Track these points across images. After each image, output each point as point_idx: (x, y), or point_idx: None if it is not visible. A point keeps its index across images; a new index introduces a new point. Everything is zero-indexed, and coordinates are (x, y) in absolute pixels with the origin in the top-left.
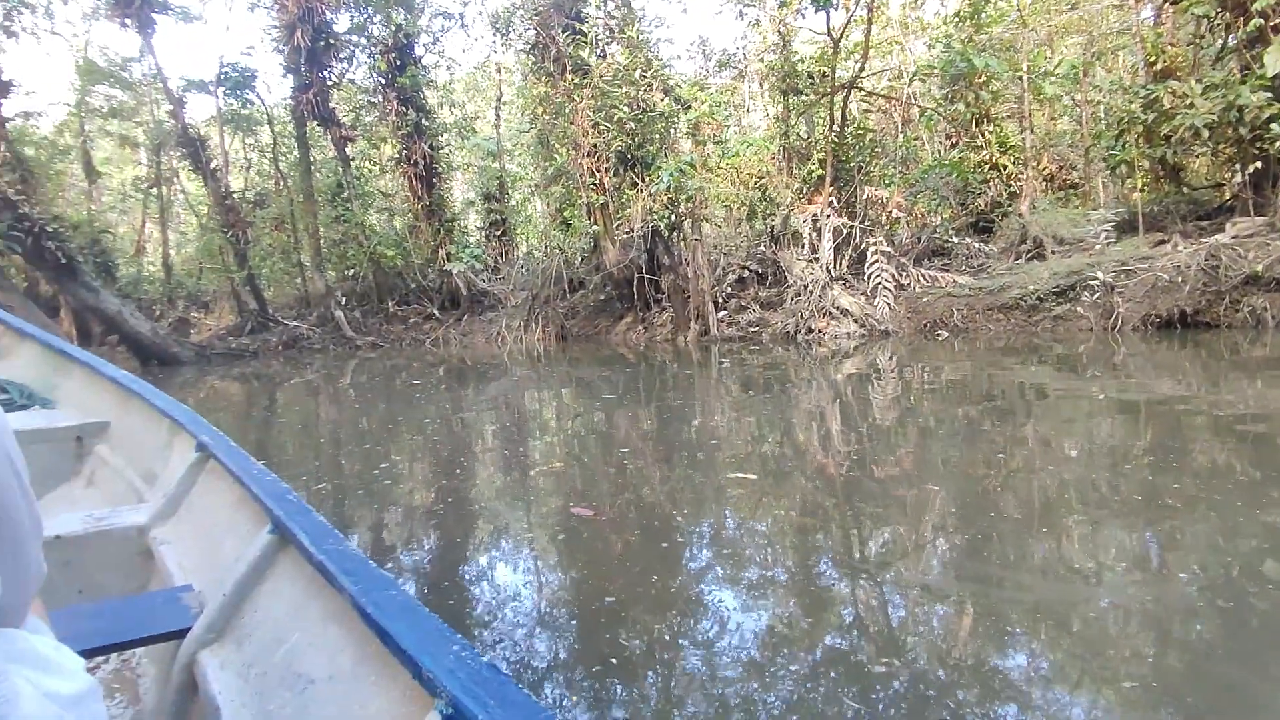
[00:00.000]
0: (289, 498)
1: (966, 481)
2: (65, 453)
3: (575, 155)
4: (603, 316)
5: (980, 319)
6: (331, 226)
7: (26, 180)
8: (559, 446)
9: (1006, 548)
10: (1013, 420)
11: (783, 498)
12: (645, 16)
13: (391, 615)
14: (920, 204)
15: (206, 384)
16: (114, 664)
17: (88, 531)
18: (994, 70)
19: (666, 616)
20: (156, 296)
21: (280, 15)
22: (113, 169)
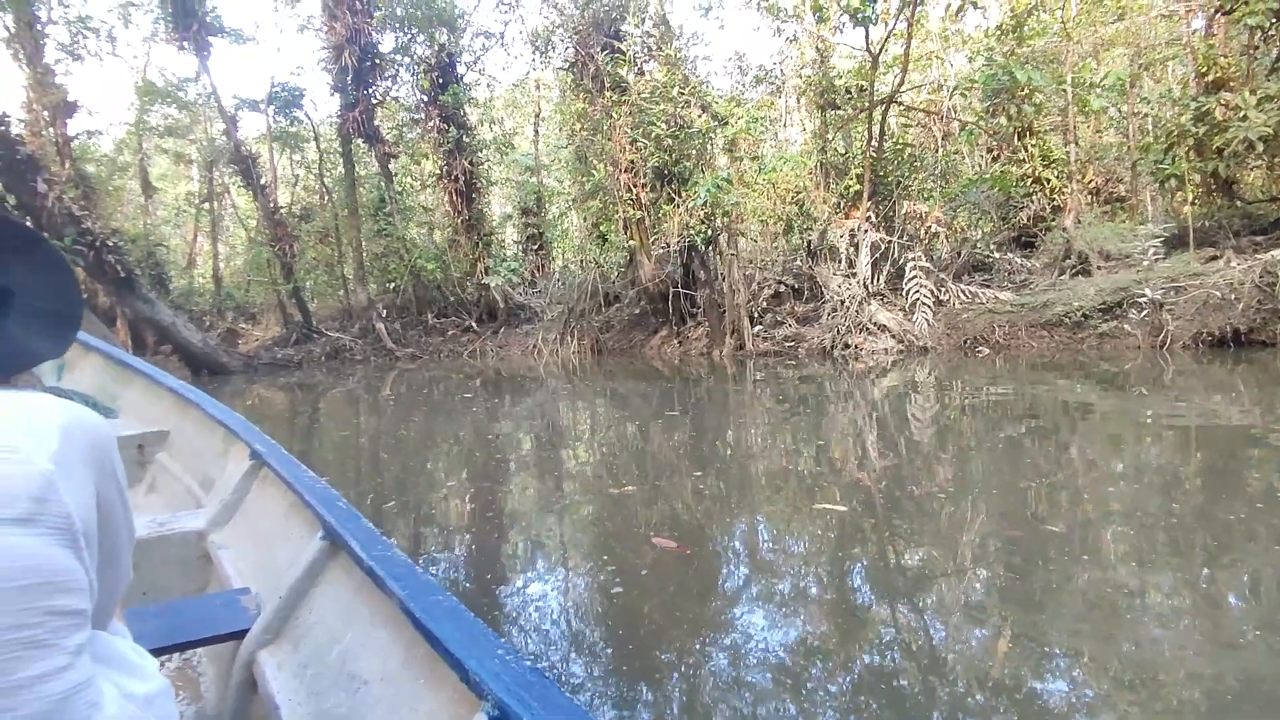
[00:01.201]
0: (339, 504)
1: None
2: (128, 460)
3: (613, 171)
4: (637, 330)
5: (1022, 336)
6: (374, 240)
7: (88, 196)
8: (623, 467)
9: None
10: (1055, 439)
11: (879, 532)
12: (683, 34)
13: (438, 619)
14: (960, 218)
15: (253, 393)
16: (176, 663)
17: (151, 536)
18: (1037, 83)
19: (778, 677)
20: (207, 308)
21: (329, 37)
22: (167, 184)
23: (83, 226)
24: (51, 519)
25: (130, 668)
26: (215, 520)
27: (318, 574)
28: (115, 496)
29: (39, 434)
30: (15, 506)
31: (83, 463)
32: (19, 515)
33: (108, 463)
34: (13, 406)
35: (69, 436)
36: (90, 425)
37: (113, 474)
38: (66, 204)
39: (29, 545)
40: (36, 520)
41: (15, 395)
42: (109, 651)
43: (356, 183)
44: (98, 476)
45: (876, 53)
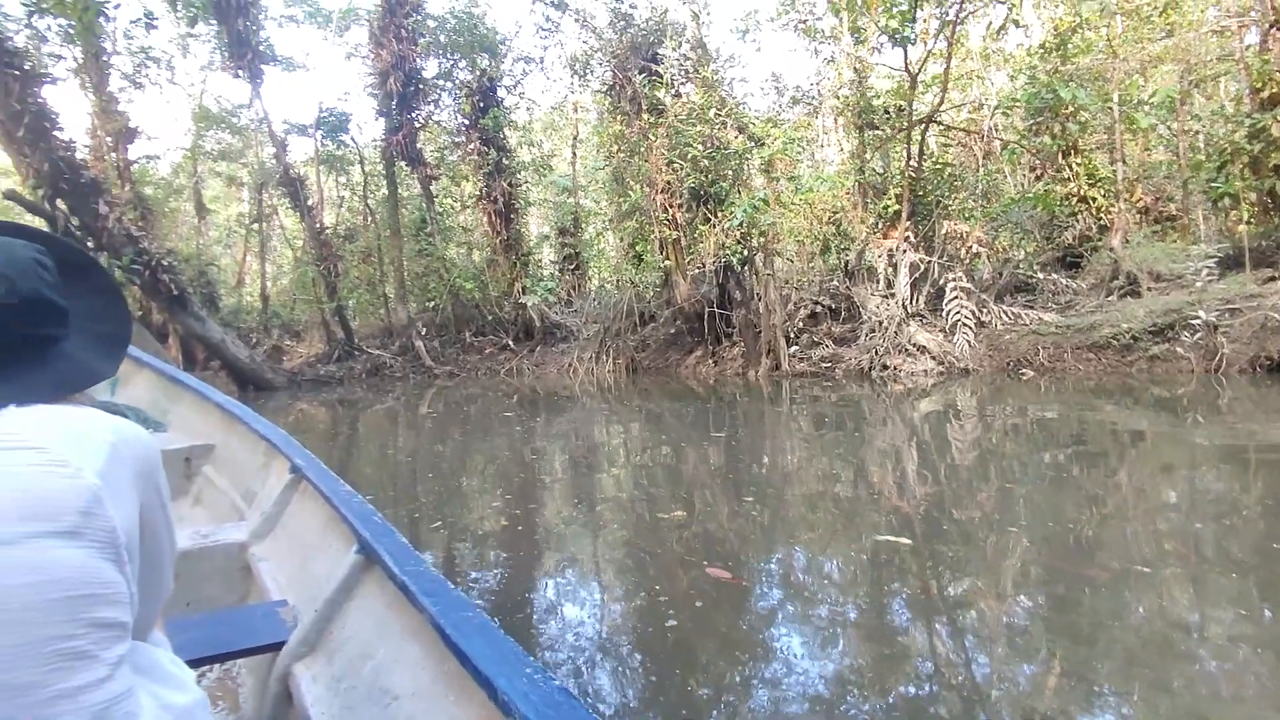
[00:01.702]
0: (375, 519)
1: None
2: (176, 472)
3: (649, 191)
4: (673, 350)
5: (1068, 358)
6: (415, 260)
7: (146, 217)
8: (671, 491)
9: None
10: (1105, 464)
11: (945, 567)
12: (720, 56)
13: (468, 636)
14: (1002, 238)
15: (296, 409)
16: (217, 673)
17: (195, 547)
18: (1082, 101)
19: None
20: (254, 325)
21: (375, 63)
22: (219, 206)
23: (140, 246)
24: (97, 533)
25: (168, 679)
26: (256, 533)
27: (352, 588)
28: (158, 511)
29: (88, 449)
30: (62, 519)
31: (129, 478)
32: (66, 528)
33: (153, 479)
34: (63, 421)
35: (117, 452)
36: (137, 442)
37: (157, 490)
38: (125, 225)
39: (74, 558)
40: (82, 533)
41: (66, 410)
42: (148, 662)
43: (399, 204)
44: (143, 492)
45: (915, 72)
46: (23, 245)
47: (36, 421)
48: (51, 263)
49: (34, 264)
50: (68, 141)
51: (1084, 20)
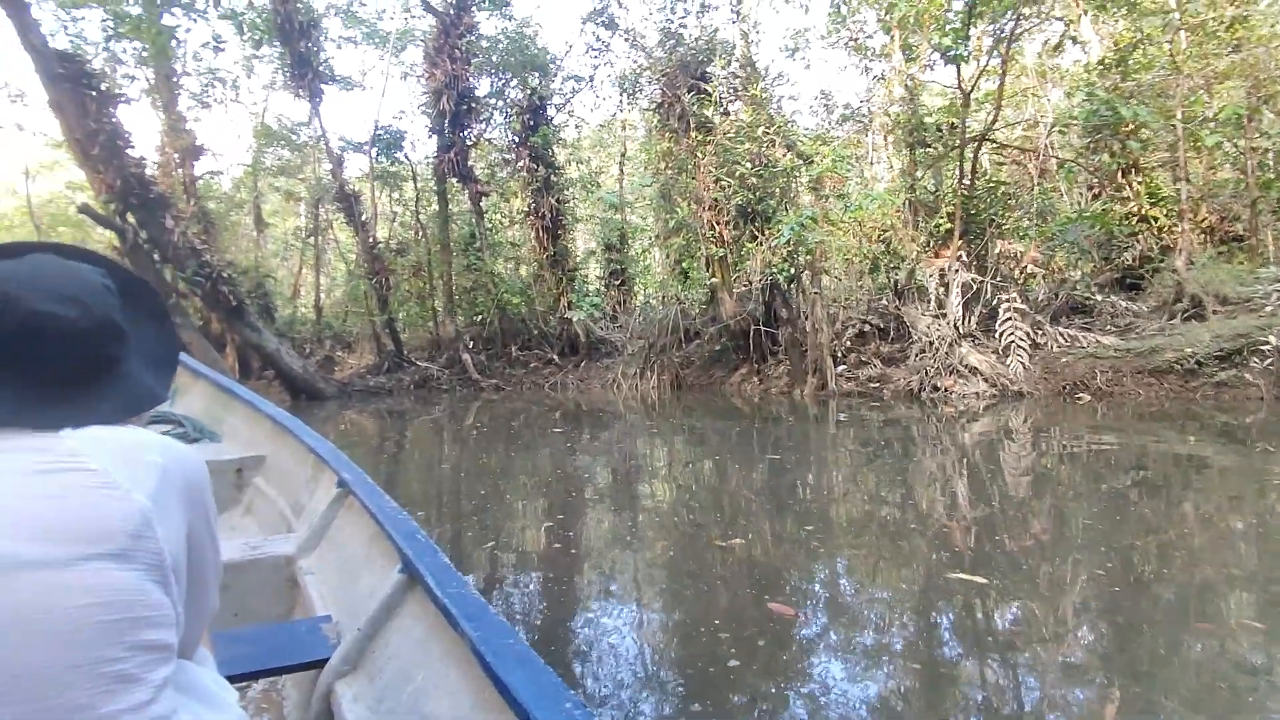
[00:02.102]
0: (418, 538)
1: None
2: (228, 483)
3: (696, 209)
4: (717, 367)
5: (1128, 383)
6: (463, 274)
7: (208, 231)
8: (725, 516)
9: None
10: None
11: (1031, 616)
12: (769, 74)
13: (508, 665)
14: (1058, 258)
15: (346, 418)
16: (262, 685)
17: (244, 559)
18: (1144, 119)
19: None
20: (307, 336)
21: (429, 83)
22: (277, 220)
23: (203, 259)
24: (146, 555)
25: (211, 699)
26: (303, 546)
27: (395, 607)
28: (205, 533)
29: (139, 470)
30: (113, 541)
31: (178, 500)
32: (116, 550)
33: (200, 498)
34: (115, 442)
35: (167, 475)
36: (187, 464)
37: (204, 509)
38: (190, 238)
39: (124, 580)
40: (132, 556)
41: (118, 431)
42: (192, 682)
43: (449, 219)
44: (190, 514)
45: (968, 89)
46: (89, 269)
47: (91, 443)
48: (113, 285)
49: (103, 287)
50: (139, 158)
51: (1145, 36)
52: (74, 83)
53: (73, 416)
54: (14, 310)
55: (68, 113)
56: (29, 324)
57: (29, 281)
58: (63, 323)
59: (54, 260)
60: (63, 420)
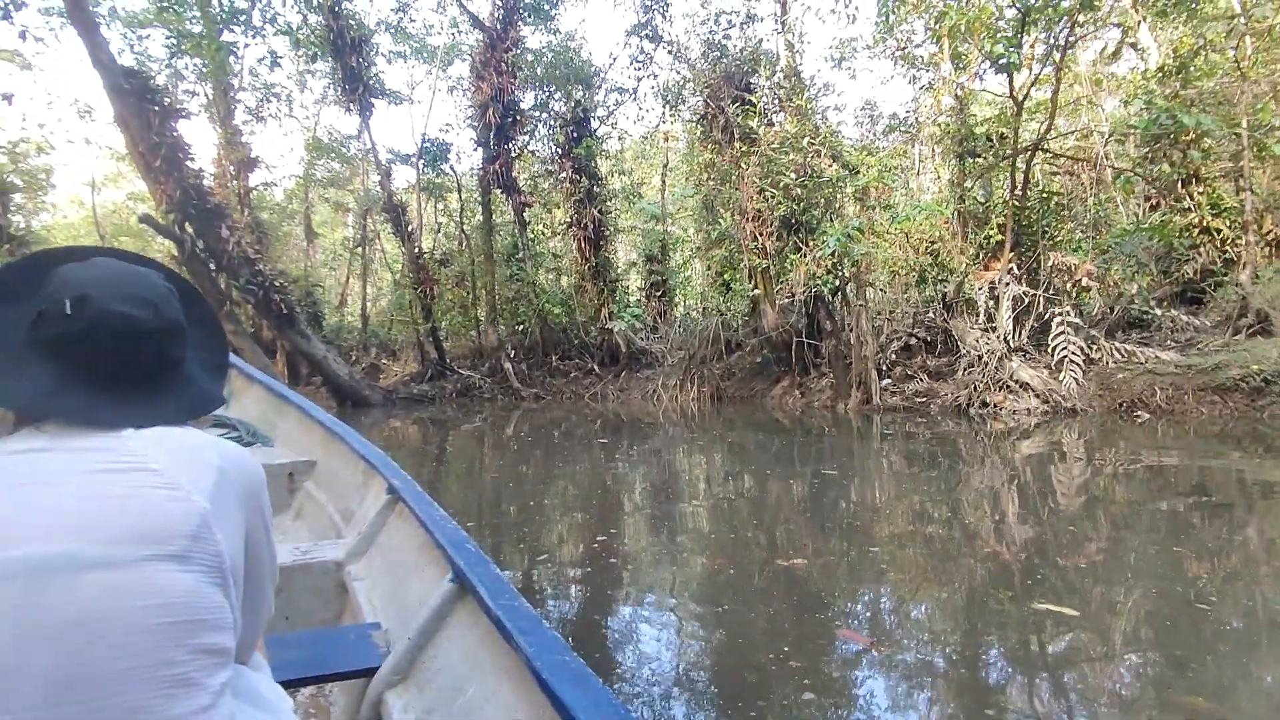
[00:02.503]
0: (468, 547)
1: None
2: (280, 487)
3: (739, 220)
4: (758, 379)
5: (1189, 400)
6: (506, 284)
7: (261, 240)
8: (784, 533)
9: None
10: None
11: (1135, 656)
12: (814, 84)
13: (566, 683)
14: (1114, 271)
15: (390, 425)
16: (310, 690)
17: (294, 563)
18: (1206, 127)
19: None
20: (354, 344)
21: (475, 96)
22: (326, 230)
23: (256, 268)
24: (205, 557)
25: (267, 706)
26: (352, 552)
27: (445, 617)
28: (262, 534)
29: (198, 472)
30: (173, 543)
31: (236, 503)
32: (176, 552)
33: (257, 502)
34: (175, 443)
35: (225, 476)
36: (245, 467)
37: (261, 514)
38: (244, 247)
39: (184, 582)
40: (191, 557)
41: (177, 432)
42: (249, 687)
43: (493, 230)
44: (248, 517)
45: (1021, 99)
46: (153, 273)
47: (152, 444)
48: (174, 288)
49: (168, 290)
50: (197, 170)
51: (1208, 42)
52: (139, 98)
53: (140, 416)
54: (88, 310)
55: (132, 127)
56: (102, 323)
57: (101, 282)
58: (135, 323)
59: (121, 263)
60: (130, 420)
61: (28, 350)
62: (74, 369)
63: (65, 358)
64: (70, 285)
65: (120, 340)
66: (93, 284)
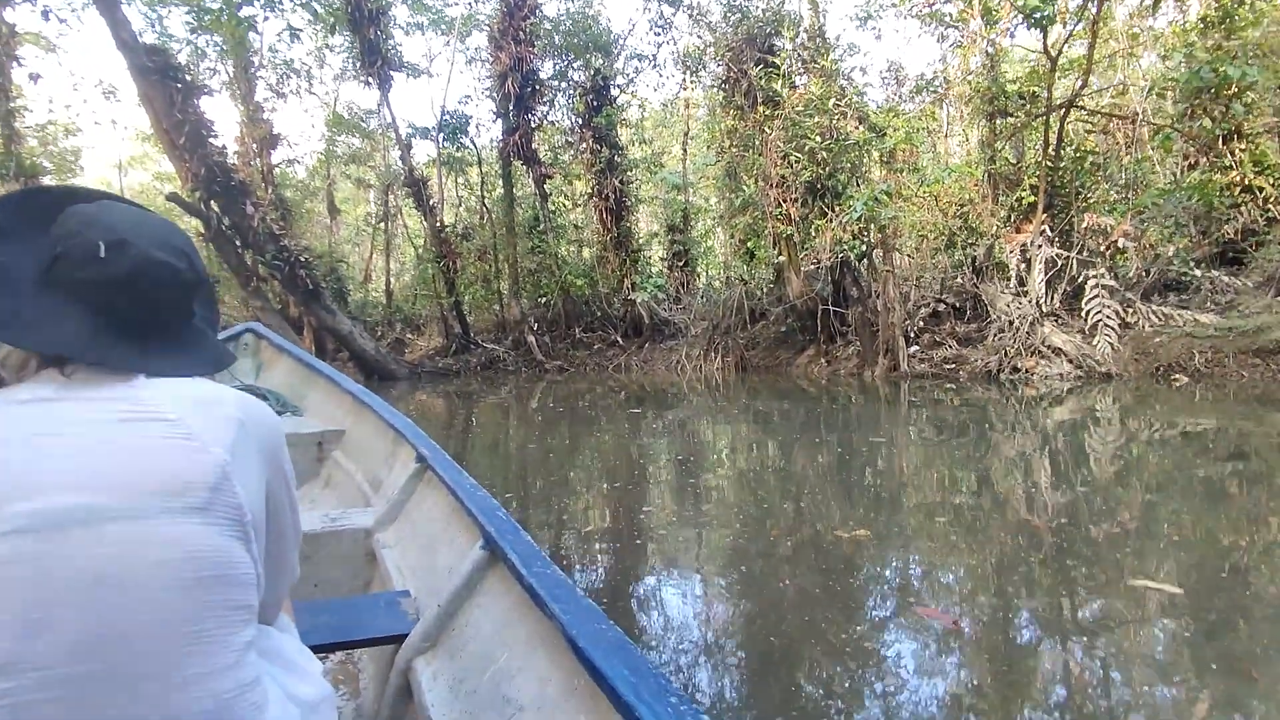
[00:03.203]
0: (499, 514)
1: None
2: (309, 456)
3: (763, 186)
4: (783, 348)
5: (1230, 363)
6: (528, 257)
7: (285, 218)
8: (836, 504)
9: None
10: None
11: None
12: (839, 45)
13: (603, 652)
14: (1151, 232)
15: (416, 399)
16: (339, 657)
17: (324, 530)
18: (1252, 79)
19: None
20: (378, 319)
21: (494, 66)
22: (349, 207)
23: (281, 244)
24: (226, 509)
25: (296, 669)
26: (381, 520)
27: (476, 584)
28: (284, 492)
29: (216, 423)
30: (192, 495)
31: (256, 456)
32: (196, 504)
33: (278, 458)
34: (193, 394)
35: (244, 429)
36: (265, 419)
37: (282, 469)
38: (269, 224)
39: (204, 535)
40: (212, 510)
41: (195, 383)
42: (276, 648)
43: (514, 202)
44: (269, 471)
45: (1055, 55)
46: (174, 222)
47: (168, 394)
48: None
49: (191, 242)
50: (220, 147)
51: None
52: (161, 75)
53: (162, 365)
54: (128, 256)
55: (156, 104)
56: (140, 270)
57: (136, 228)
58: (173, 273)
59: (142, 210)
60: (154, 368)
61: (46, 292)
62: (106, 315)
63: (95, 302)
64: (99, 228)
65: (160, 290)
66: (127, 229)
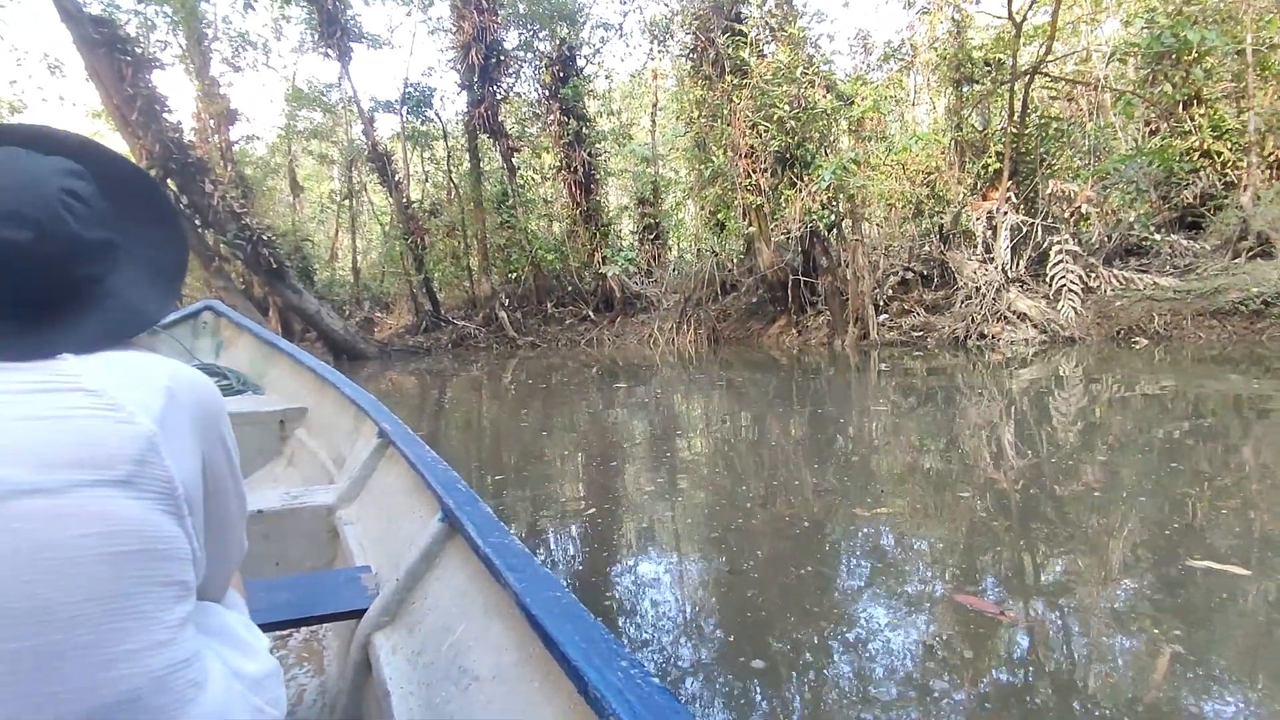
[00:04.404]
0: (459, 487)
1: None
2: (271, 434)
3: (732, 157)
4: (755, 319)
5: (1188, 325)
6: (497, 232)
7: (246, 196)
8: (853, 479)
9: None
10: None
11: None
12: (806, 12)
13: (556, 618)
14: (1113, 198)
15: (387, 378)
16: (304, 634)
17: (285, 508)
18: (1212, 43)
19: None
20: (346, 298)
21: (457, 37)
22: (312, 184)
23: (243, 223)
24: (153, 482)
25: (241, 645)
26: (344, 496)
27: (435, 557)
28: (223, 463)
29: (143, 393)
30: (116, 468)
31: (189, 426)
32: (119, 477)
33: (216, 428)
34: (117, 364)
35: (174, 398)
36: (198, 387)
37: (221, 440)
38: (229, 202)
39: (129, 509)
40: (137, 483)
41: (121, 354)
42: (218, 625)
43: (481, 177)
44: (205, 442)
45: (1020, 21)
46: (52, 171)
47: (91, 364)
48: (89, 187)
49: (61, 198)
50: (176, 123)
51: None
52: (109, 48)
53: (47, 345)
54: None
55: (105, 79)
56: None
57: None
58: (14, 248)
59: (10, 161)
60: (38, 350)
61: None
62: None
63: None
64: None
65: (3, 268)
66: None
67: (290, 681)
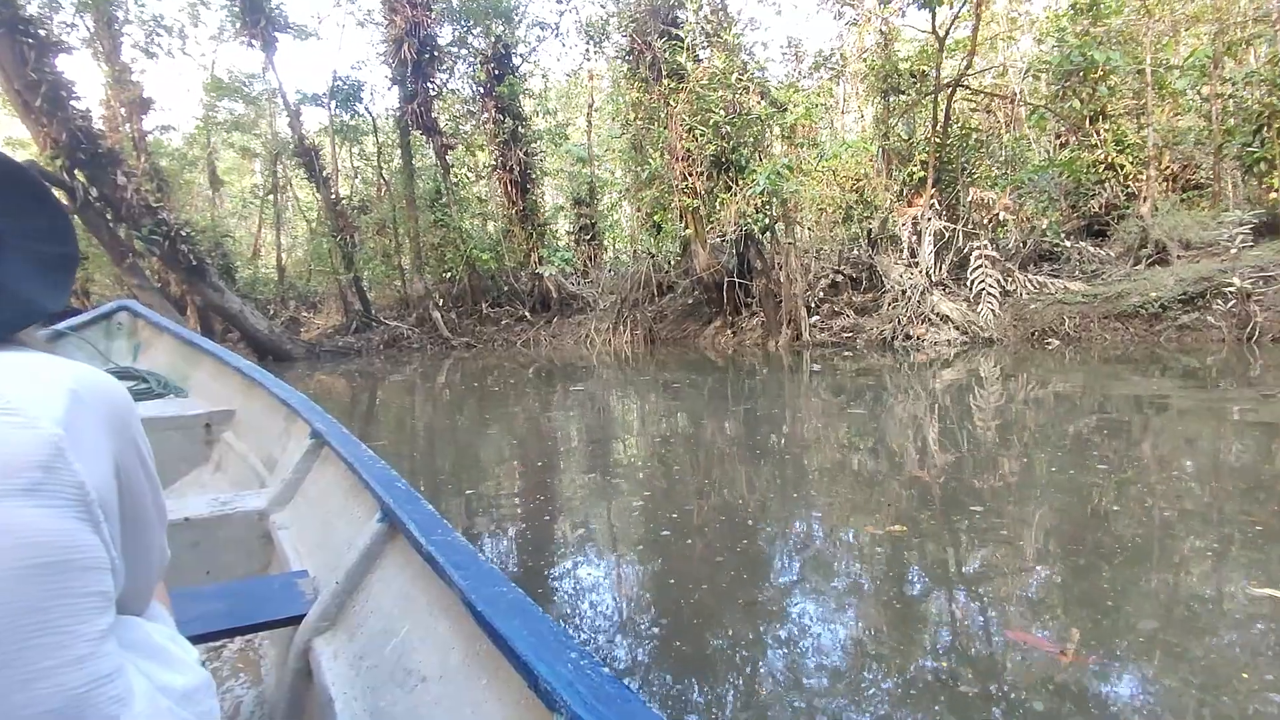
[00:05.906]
0: (398, 485)
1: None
2: (196, 439)
3: (669, 159)
4: (691, 320)
5: (1095, 328)
6: (430, 231)
7: (162, 189)
8: (864, 493)
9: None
10: (1127, 436)
11: None
12: (741, 19)
13: (503, 614)
14: (1027, 206)
15: (315, 379)
16: (239, 644)
17: (214, 515)
18: (1115, 64)
19: None
20: (270, 297)
21: (389, 30)
22: (233, 178)
23: (159, 217)
24: (62, 489)
25: (166, 658)
26: (276, 500)
27: (375, 558)
28: (137, 466)
29: (44, 396)
30: (20, 476)
31: (97, 428)
32: (24, 485)
33: (128, 432)
34: (14, 367)
35: (79, 400)
36: (105, 390)
37: (134, 442)
38: (144, 196)
39: (38, 519)
40: (44, 490)
41: (19, 355)
42: (141, 639)
43: (414, 174)
44: (116, 444)
45: (943, 35)
46: None
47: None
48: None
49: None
50: (84, 111)
51: None
52: (10, 29)
53: None
54: None
55: (5, 63)
56: None
57: None
58: None
59: None
60: None
61: None
62: None
63: None
64: None
65: None
66: None
67: (226, 694)
